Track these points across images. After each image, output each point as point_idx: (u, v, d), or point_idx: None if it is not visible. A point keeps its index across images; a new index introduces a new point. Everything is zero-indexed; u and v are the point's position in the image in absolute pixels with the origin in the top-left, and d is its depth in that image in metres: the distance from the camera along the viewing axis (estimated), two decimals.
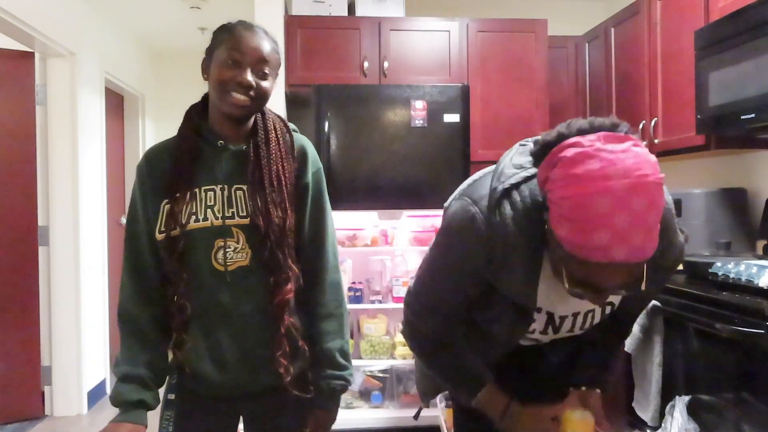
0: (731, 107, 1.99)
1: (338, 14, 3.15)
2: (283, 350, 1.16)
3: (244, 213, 1.17)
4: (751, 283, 1.63)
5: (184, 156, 1.18)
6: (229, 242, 1.16)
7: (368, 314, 3.03)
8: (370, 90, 2.80)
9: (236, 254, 1.16)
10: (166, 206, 1.15)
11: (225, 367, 1.18)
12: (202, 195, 1.17)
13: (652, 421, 1.90)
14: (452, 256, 1.07)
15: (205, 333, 1.17)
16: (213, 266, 1.15)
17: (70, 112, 3.20)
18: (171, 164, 1.17)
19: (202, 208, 1.16)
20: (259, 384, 1.21)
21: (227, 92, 1.12)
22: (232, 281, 1.16)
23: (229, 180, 1.18)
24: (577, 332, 1.18)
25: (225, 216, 1.16)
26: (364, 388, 2.93)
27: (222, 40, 1.15)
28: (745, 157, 2.51)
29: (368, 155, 2.74)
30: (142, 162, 1.21)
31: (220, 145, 1.19)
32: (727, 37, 2.00)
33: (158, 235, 1.16)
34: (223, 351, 1.17)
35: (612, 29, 3.04)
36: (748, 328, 1.51)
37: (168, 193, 1.16)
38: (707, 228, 2.37)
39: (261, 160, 1.18)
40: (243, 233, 1.16)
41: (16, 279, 3.08)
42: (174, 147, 1.19)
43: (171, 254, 1.14)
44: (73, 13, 3.23)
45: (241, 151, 1.20)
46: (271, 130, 1.21)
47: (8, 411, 3.04)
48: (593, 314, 1.14)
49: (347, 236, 2.89)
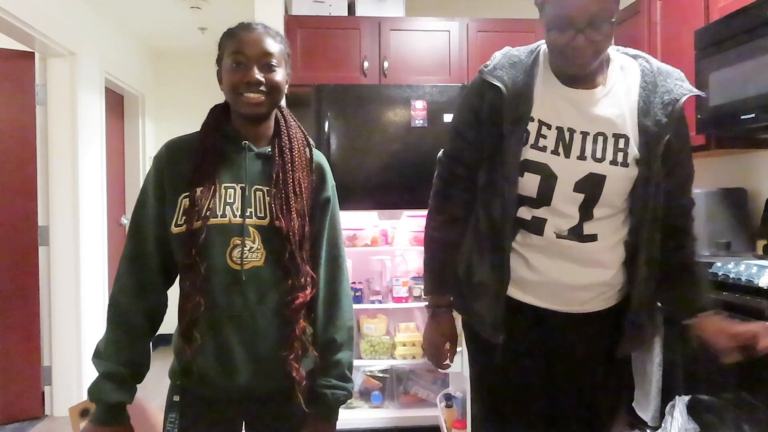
0: (731, 107, 1.99)
1: (338, 14, 3.15)
2: (296, 353, 1.17)
3: (262, 214, 1.17)
4: (751, 283, 1.63)
5: (208, 151, 1.17)
6: (246, 241, 1.15)
7: (368, 314, 3.03)
8: (370, 90, 2.80)
9: (251, 254, 1.15)
10: (185, 199, 1.14)
11: (232, 368, 1.16)
12: (222, 192, 1.16)
13: (652, 421, 1.90)
14: (462, 103, 1.38)
15: (214, 332, 1.15)
16: (228, 264, 1.14)
17: (70, 112, 3.20)
18: (194, 158, 1.17)
19: (221, 204, 1.16)
20: (266, 387, 1.20)
21: (240, 94, 1.15)
22: (247, 280, 1.15)
23: (250, 180, 1.19)
24: (589, 161, 1.22)
25: (243, 215, 1.16)
26: (364, 388, 2.94)
27: (226, 46, 1.19)
28: (745, 157, 2.51)
29: (368, 155, 2.73)
30: (162, 151, 1.20)
31: (244, 145, 1.20)
32: (727, 37, 2.00)
33: (174, 228, 1.14)
34: (231, 351, 1.16)
35: None
36: None
37: (188, 186, 1.15)
38: (707, 228, 2.37)
39: (286, 164, 1.20)
40: (259, 234, 1.16)
41: (16, 279, 3.08)
42: (197, 141, 1.19)
43: (188, 248, 1.12)
44: (73, 13, 3.23)
45: (265, 153, 1.22)
46: (294, 138, 1.24)
47: (8, 411, 3.04)
48: (605, 140, 1.22)
49: (347, 236, 2.90)
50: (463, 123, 1.34)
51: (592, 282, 1.27)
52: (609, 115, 1.22)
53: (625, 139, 1.21)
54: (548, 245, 1.26)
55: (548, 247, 1.27)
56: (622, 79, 1.24)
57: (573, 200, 1.23)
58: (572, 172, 1.22)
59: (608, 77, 1.24)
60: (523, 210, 1.27)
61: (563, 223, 1.25)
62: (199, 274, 1.12)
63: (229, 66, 1.16)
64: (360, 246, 2.91)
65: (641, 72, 1.25)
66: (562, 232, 1.25)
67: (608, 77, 1.24)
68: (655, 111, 1.21)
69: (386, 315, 3.03)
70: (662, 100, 1.21)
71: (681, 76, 1.25)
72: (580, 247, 1.25)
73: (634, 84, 1.24)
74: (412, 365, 2.93)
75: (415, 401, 2.93)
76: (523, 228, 1.28)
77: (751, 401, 1.58)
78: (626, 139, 1.21)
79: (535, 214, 1.27)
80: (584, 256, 1.25)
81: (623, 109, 1.22)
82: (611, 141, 1.22)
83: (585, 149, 1.22)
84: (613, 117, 1.22)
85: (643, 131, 1.20)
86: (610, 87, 1.23)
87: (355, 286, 2.90)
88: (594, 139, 1.21)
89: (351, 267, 3.00)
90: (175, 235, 1.14)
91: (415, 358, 2.83)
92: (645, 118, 1.21)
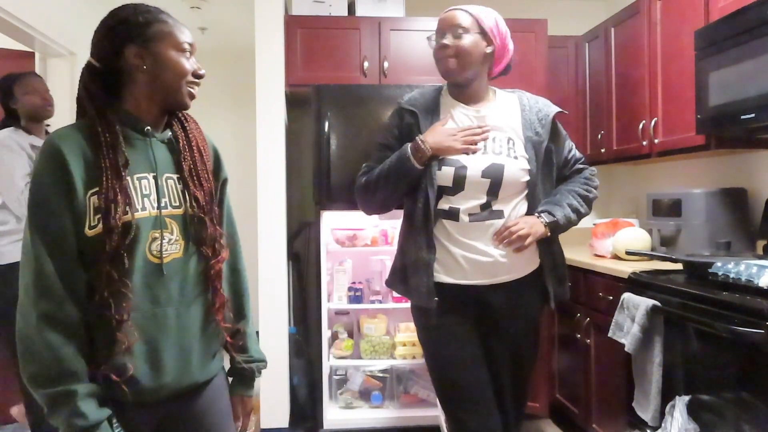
0: (731, 107, 1.99)
1: (338, 14, 3.15)
2: (224, 316, 1.21)
3: (177, 203, 1.15)
4: (751, 283, 1.63)
5: (109, 141, 1.06)
6: (164, 233, 1.11)
7: (368, 314, 3.03)
8: (370, 90, 2.80)
9: (170, 246, 1.12)
10: (93, 197, 1.03)
11: (161, 367, 1.10)
12: (135, 183, 1.09)
13: (652, 421, 1.90)
14: (385, 127, 1.86)
15: (140, 330, 1.07)
16: (148, 258, 1.09)
17: (70, 112, 3.17)
18: (95, 150, 1.05)
19: (138, 197, 1.09)
20: (190, 381, 1.17)
21: (188, 83, 1.16)
22: (168, 274, 1.11)
23: (160, 168, 1.15)
24: (490, 154, 1.67)
25: (159, 206, 1.12)
26: (364, 388, 2.94)
27: (159, 30, 1.15)
28: (745, 157, 2.51)
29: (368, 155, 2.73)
30: (56, 147, 1.03)
31: (147, 131, 1.14)
32: (727, 37, 2.00)
33: (88, 231, 1.02)
34: (158, 349, 1.10)
35: (612, 29, 3.04)
36: (748, 328, 1.51)
37: (95, 182, 1.03)
38: (707, 228, 2.37)
39: (192, 149, 1.20)
40: (177, 224, 1.14)
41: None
42: (91, 132, 1.07)
43: (105, 249, 1.02)
44: (73, 13, 3.23)
45: (167, 139, 1.19)
46: (189, 120, 1.24)
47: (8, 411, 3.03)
48: (499, 140, 1.70)
49: (347, 236, 2.89)
50: (387, 138, 1.80)
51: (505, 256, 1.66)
52: (498, 123, 1.72)
53: (513, 140, 1.71)
54: (464, 228, 1.66)
55: (464, 228, 1.66)
56: (506, 103, 1.77)
57: (481, 185, 1.65)
58: (478, 162, 1.66)
59: (495, 100, 1.78)
60: (443, 201, 1.69)
61: (475, 204, 1.66)
62: (119, 272, 1.03)
63: (175, 53, 1.14)
64: (360, 246, 2.91)
65: (518, 99, 1.78)
66: (475, 214, 1.66)
67: (495, 100, 1.78)
68: (534, 125, 1.72)
69: (386, 315, 3.04)
70: (538, 117, 1.73)
71: (547, 102, 1.80)
72: (490, 225, 1.66)
73: (515, 108, 1.76)
74: (412, 365, 2.93)
75: (415, 401, 2.93)
76: (444, 217, 1.68)
77: (751, 401, 1.57)
78: (513, 141, 1.70)
79: (452, 204, 1.67)
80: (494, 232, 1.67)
81: (508, 120, 1.73)
82: (504, 140, 1.70)
83: (486, 146, 1.69)
84: (502, 124, 1.72)
85: (527, 139, 1.70)
86: (497, 104, 1.76)
87: (355, 286, 2.90)
88: (492, 139, 1.70)
89: (351, 267, 3.00)
90: (91, 239, 1.03)
91: (415, 358, 2.83)
92: (527, 130, 1.71)
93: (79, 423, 1.00)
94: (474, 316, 1.73)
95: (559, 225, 1.70)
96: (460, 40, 1.66)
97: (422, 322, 1.79)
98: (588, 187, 1.83)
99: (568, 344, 2.78)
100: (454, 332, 1.72)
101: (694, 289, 1.79)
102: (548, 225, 1.69)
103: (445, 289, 1.69)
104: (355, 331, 3.06)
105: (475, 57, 1.68)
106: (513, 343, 1.76)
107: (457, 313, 1.71)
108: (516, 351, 1.77)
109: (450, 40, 1.66)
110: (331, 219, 2.85)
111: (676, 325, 1.86)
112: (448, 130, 1.68)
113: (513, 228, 1.64)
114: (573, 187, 1.81)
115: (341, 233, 2.91)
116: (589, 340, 2.55)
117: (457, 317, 1.71)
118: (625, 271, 2.22)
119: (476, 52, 1.68)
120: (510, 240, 1.64)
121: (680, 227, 2.46)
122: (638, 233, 2.55)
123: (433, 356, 1.77)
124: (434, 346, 1.76)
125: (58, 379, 1.00)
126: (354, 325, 3.08)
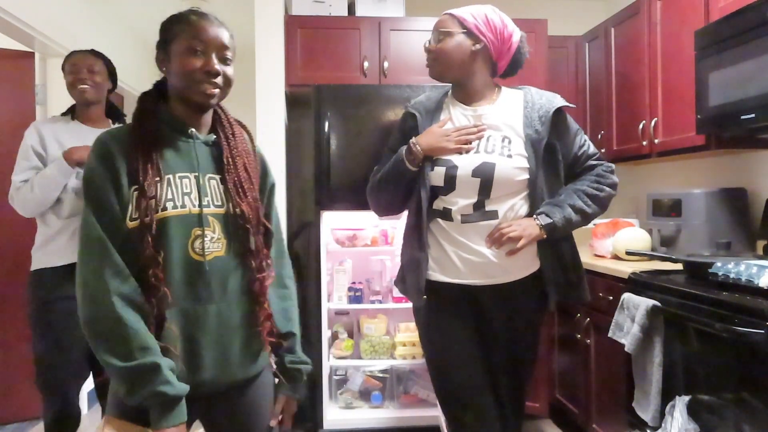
0: (731, 107, 1.99)
1: (338, 14, 3.15)
2: (269, 330, 1.22)
3: (219, 202, 1.17)
4: (751, 283, 1.63)
5: (152, 140, 1.13)
6: (206, 231, 1.13)
7: (368, 314, 3.03)
8: (370, 90, 2.80)
9: (213, 244, 1.14)
10: (136, 192, 1.08)
11: (199, 363, 1.13)
12: (177, 182, 1.13)
13: (652, 421, 1.90)
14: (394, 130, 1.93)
15: (180, 327, 1.11)
16: (190, 256, 1.12)
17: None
18: (138, 149, 1.11)
19: (179, 194, 1.12)
20: (227, 381, 1.18)
21: (197, 82, 1.13)
22: (210, 271, 1.13)
23: (202, 169, 1.17)
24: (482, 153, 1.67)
25: (201, 204, 1.14)
26: (364, 388, 2.93)
27: (178, 31, 1.15)
28: (745, 157, 2.51)
29: (368, 155, 2.73)
30: (104, 146, 1.11)
31: (191, 133, 1.18)
32: (727, 37, 2.00)
33: (130, 223, 1.08)
34: (198, 346, 1.12)
35: (612, 29, 3.04)
36: (748, 328, 1.51)
37: (138, 178, 1.09)
38: (707, 228, 2.37)
39: (232, 150, 1.21)
40: (218, 222, 1.16)
41: (16, 278, 3.07)
42: (139, 130, 1.14)
43: (146, 242, 1.06)
44: (73, 13, 3.23)
45: (210, 140, 1.21)
46: (234, 124, 1.26)
47: (8, 411, 3.04)
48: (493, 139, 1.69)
49: (347, 236, 2.90)
50: (395, 141, 1.86)
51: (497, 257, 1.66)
52: (494, 121, 1.71)
53: (509, 139, 1.69)
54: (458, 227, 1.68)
55: (458, 227, 1.68)
56: (508, 101, 1.76)
57: (471, 184, 1.65)
58: (469, 161, 1.67)
59: (498, 98, 1.77)
60: (438, 201, 1.71)
61: (467, 203, 1.66)
62: (158, 266, 1.07)
63: (185, 51, 1.13)
64: (360, 246, 2.91)
65: (523, 96, 1.75)
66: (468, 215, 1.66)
67: (498, 98, 1.77)
68: (534, 123, 1.68)
69: (386, 315, 3.04)
70: (539, 114, 1.69)
71: (552, 97, 1.75)
72: (484, 225, 1.65)
73: (517, 105, 1.73)
74: (412, 365, 2.93)
75: (415, 401, 2.93)
76: (439, 217, 1.71)
77: (751, 401, 1.57)
78: (510, 139, 1.69)
79: (445, 204, 1.70)
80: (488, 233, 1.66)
81: (507, 119, 1.71)
82: (499, 139, 1.69)
83: (479, 145, 1.69)
84: (499, 123, 1.71)
85: (527, 137, 1.67)
86: (498, 103, 1.75)
87: (355, 286, 2.90)
88: (486, 138, 1.70)
89: (351, 267, 3.00)
90: (132, 231, 1.08)
91: (415, 358, 2.83)
92: (528, 128, 1.68)
93: (169, 391, 1.03)
94: (472, 317, 1.74)
95: (557, 227, 1.64)
96: (439, 44, 1.73)
97: (422, 322, 1.81)
98: (599, 185, 1.74)
99: (568, 344, 2.78)
100: (453, 333, 1.73)
101: (694, 290, 1.79)
102: (544, 227, 1.64)
103: (441, 288, 1.72)
104: (355, 331, 3.06)
105: (456, 57, 1.70)
106: (509, 345, 1.76)
107: (455, 313, 1.73)
108: (512, 353, 1.77)
109: (431, 45, 1.76)
110: (331, 219, 2.85)
111: (676, 325, 1.86)
112: (442, 131, 1.71)
113: (504, 230, 1.62)
114: (581, 186, 1.74)
115: (341, 233, 2.91)
116: (589, 340, 2.55)
117: (456, 317, 1.73)
118: (625, 271, 2.22)
119: (458, 52, 1.70)
120: (501, 242, 1.62)
121: (680, 227, 2.46)
122: (638, 233, 2.55)
123: (433, 356, 1.79)
124: (433, 346, 1.78)
125: (142, 352, 1.03)
126: (354, 325, 3.08)
